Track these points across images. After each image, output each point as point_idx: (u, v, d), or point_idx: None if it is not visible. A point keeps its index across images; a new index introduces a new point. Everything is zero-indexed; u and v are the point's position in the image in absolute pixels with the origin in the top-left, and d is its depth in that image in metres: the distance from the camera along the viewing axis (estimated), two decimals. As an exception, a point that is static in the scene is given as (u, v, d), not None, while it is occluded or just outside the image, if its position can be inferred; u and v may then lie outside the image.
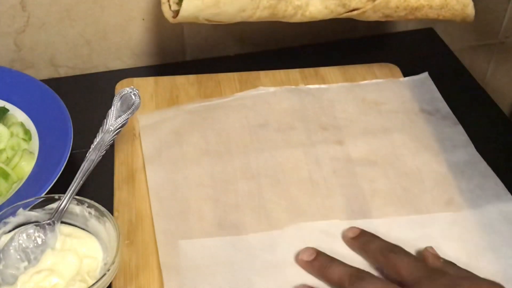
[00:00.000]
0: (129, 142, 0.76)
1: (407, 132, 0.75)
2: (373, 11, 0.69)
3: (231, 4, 0.63)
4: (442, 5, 0.67)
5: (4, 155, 0.72)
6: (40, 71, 0.91)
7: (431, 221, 0.65)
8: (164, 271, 0.61)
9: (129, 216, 0.68)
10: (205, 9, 0.62)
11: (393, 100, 0.80)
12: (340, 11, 0.68)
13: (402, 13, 0.69)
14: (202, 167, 0.72)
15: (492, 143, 0.77)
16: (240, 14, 0.64)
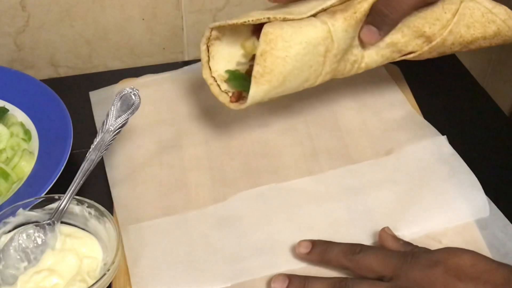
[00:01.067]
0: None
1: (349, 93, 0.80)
2: (428, 52, 0.69)
3: (295, 79, 0.62)
4: (495, 34, 0.68)
5: (4, 155, 0.72)
6: (40, 71, 0.91)
7: (370, 169, 0.70)
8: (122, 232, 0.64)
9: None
10: (271, 90, 0.62)
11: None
12: (395, 56, 0.69)
13: (456, 48, 0.70)
14: (154, 136, 0.76)
15: (492, 143, 0.77)
16: (303, 84, 0.64)
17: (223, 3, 0.91)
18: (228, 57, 0.67)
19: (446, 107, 0.82)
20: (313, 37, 0.61)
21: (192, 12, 0.90)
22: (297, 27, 0.61)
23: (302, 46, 0.60)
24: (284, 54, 0.60)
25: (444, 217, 0.65)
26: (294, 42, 0.60)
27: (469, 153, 0.72)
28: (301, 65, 0.62)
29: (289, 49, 0.60)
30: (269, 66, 0.60)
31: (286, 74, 0.61)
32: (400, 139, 0.74)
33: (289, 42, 0.60)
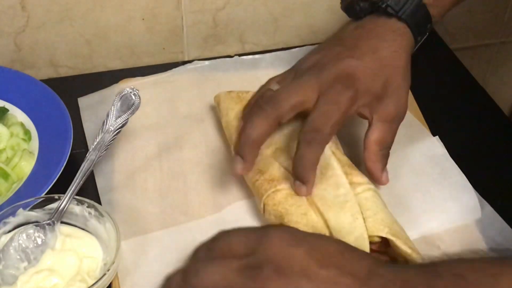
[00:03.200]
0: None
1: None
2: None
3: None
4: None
5: (4, 155, 0.72)
6: (40, 71, 0.90)
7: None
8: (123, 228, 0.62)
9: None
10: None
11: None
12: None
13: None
14: (153, 136, 0.76)
15: (492, 143, 0.77)
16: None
17: (223, 3, 0.91)
18: None
19: (446, 107, 0.82)
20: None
21: (192, 12, 0.90)
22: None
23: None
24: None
25: (436, 219, 0.65)
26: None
27: (469, 153, 0.73)
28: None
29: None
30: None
31: None
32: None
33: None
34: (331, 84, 0.61)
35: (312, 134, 0.60)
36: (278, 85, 0.65)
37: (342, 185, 0.61)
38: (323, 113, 0.60)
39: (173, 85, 0.84)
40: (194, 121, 0.78)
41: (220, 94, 0.75)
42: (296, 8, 0.94)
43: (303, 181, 0.60)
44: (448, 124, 0.77)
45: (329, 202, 0.60)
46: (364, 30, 0.67)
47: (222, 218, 0.67)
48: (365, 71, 0.63)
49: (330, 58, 0.64)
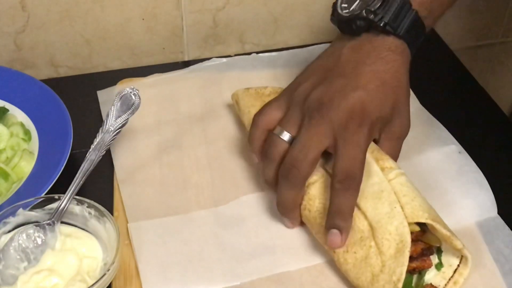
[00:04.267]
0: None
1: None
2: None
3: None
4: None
5: (4, 155, 0.72)
6: (40, 71, 0.90)
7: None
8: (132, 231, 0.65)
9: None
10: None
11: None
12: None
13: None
14: (155, 136, 0.76)
15: (492, 143, 0.77)
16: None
17: (223, 3, 0.91)
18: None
19: (446, 107, 0.82)
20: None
21: (192, 12, 0.90)
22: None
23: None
24: None
25: (452, 216, 0.65)
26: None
27: (469, 153, 0.73)
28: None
29: None
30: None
31: None
32: (408, 137, 0.71)
33: None
34: (345, 125, 0.60)
35: (347, 182, 0.59)
36: (282, 130, 0.64)
37: (375, 173, 0.61)
38: (349, 159, 0.60)
39: (175, 85, 0.84)
40: (195, 121, 0.79)
41: (237, 92, 0.76)
42: (296, 8, 0.94)
43: (341, 229, 0.59)
44: (448, 124, 0.77)
45: (365, 193, 0.60)
46: (362, 53, 0.65)
47: (220, 212, 0.67)
48: (373, 101, 0.62)
49: (335, 93, 0.62)
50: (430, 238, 0.60)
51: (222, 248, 0.64)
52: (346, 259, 0.60)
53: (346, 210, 0.59)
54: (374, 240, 0.58)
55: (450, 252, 0.60)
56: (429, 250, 0.60)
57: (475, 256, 0.61)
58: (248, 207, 0.68)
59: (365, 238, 0.59)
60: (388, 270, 0.56)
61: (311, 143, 0.61)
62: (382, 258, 0.57)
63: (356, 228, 0.60)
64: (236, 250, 0.64)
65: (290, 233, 0.66)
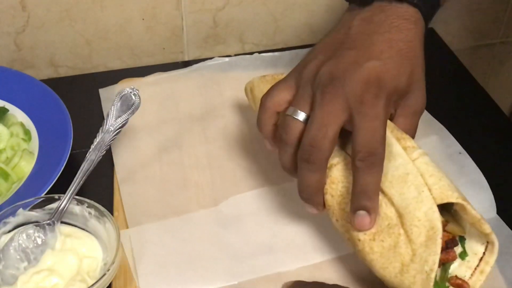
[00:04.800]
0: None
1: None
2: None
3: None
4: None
5: (4, 155, 0.72)
6: (40, 71, 0.90)
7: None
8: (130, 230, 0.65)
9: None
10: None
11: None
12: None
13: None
14: (155, 135, 0.76)
15: (492, 143, 0.77)
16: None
17: (223, 3, 0.91)
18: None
19: (446, 107, 0.82)
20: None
21: (192, 12, 0.90)
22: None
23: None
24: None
25: None
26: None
27: (469, 153, 0.73)
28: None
29: None
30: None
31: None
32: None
33: None
34: (360, 98, 0.56)
35: (369, 159, 0.55)
36: (296, 109, 0.59)
37: (398, 154, 0.57)
38: (368, 133, 0.55)
39: (175, 85, 0.84)
40: (195, 121, 0.79)
41: (253, 80, 0.73)
42: (296, 8, 0.94)
43: (369, 209, 0.56)
44: (448, 124, 0.77)
45: (389, 177, 0.56)
46: (374, 24, 0.61)
47: (219, 211, 0.68)
48: (388, 70, 0.58)
49: (347, 65, 0.58)
50: (453, 228, 0.57)
51: (221, 248, 0.64)
52: (372, 247, 0.56)
53: (371, 189, 0.55)
54: (403, 227, 0.55)
55: (474, 239, 0.57)
56: (453, 242, 0.56)
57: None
58: (248, 205, 0.68)
59: (393, 226, 0.55)
60: (420, 259, 0.53)
61: (328, 119, 0.56)
62: (412, 247, 0.54)
63: (382, 215, 0.56)
64: (235, 249, 0.64)
65: (289, 232, 0.66)
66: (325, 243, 0.65)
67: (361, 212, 0.56)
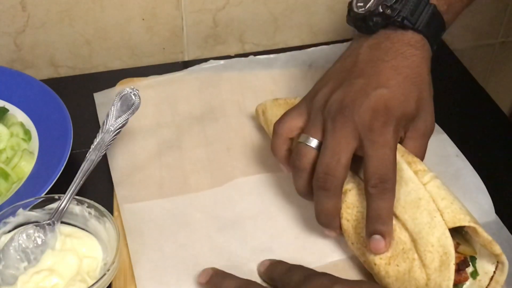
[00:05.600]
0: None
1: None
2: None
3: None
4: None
5: (4, 155, 0.72)
6: (40, 71, 0.90)
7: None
8: (127, 235, 0.64)
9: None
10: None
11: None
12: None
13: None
14: (159, 138, 0.76)
15: (492, 143, 0.77)
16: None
17: (223, 3, 0.91)
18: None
19: (446, 107, 0.82)
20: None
21: (192, 12, 0.90)
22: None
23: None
24: None
25: None
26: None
27: (469, 153, 0.73)
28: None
29: None
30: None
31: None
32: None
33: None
34: (369, 126, 0.58)
35: (381, 186, 0.57)
36: (308, 136, 0.61)
37: (410, 179, 0.59)
38: (379, 160, 0.58)
39: (175, 86, 0.84)
40: (194, 123, 0.79)
41: (265, 103, 0.74)
42: (296, 8, 0.94)
43: (383, 233, 0.57)
44: (448, 124, 0.77)
45: (402, 202, 0.58)
46: (380, 51, 0.63)
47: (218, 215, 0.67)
48: (395, 97, 0.60)
49: (356, 94, 0.60)
50: (465, 249, 0.58)
51: (218, 252, 0.64)
52: (388, 272, 0.58)
53: (385, 214, 0.57)
54: (417, 252, 0.56)
55: (484, 258, 0.58)
56: (464, 263, 0.58)
57: None
58: (246, 209, 0.68)
59: (407, 250, 0.57)
60: (434, 284, 0.55)
61: (340, 147, 0.59)
62: (426, 271, 0.55)
63: (397, 239, 0.58)
64: (232, 253, 0.63)
65: (286, 236, 0.65)
66: (323, 246, 0.65)
67: (376, 237, 0.57)
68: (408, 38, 0.64)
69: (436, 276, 0.55)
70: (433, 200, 0.57)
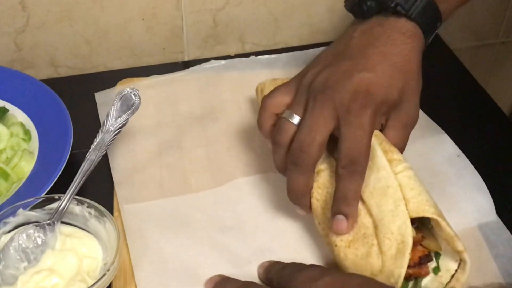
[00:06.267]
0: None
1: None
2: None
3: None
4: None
5: (4, 155, 0.72)
6: (40, 71, 0.90)
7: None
8: (128, 235, 0.64)
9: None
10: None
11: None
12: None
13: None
14: (159, 138, 0.76)
15: (492, 143, 0.77)
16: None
17: (223, 3, 0.91)
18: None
19: (446, 107, 0.82)
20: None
21: (192, 12, 0.90)
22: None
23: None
24: None
25: (451, 220, 0.65)
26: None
27: (469, 153, 0.73)
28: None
29: None
30: None
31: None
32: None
33: None
34: (347, 107, 0.59)
35: (351, 167, 0.57)
36: (292, 113, 0.62)
37: (382, 167, 0.59)
38: (352, 142, 0.58)
39: (175, 86, 0.84)
40: (194, 123, 0.79)
41: (265, 82, 0.75)
42: (296, 8, 0.94)
43: (347, 215, 0.58)
44: (448, 124, 0.77)
45: (371, 188, 0.58)
46: (372, 36, 0.64)
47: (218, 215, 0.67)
48: (379, 82, 0.60)
49: (340, 75, 0.61)
50: (429, 244, 0.58)
51: (218, 252, 0.64)
52: (347, 254, 0.58)
53: (351, 196, 0.58)
54: (377, 238, 0.57)
55: (449, 256, 0.59)
56: (427, 257, 0.58)
57: (475, 259, 0.61)
58: (247, 210, 0.68)
59: (368, 235, 0.57)
60: (387, 271, 0.55)
61: (318, 125, 0.59)
62: (383, 258, 0.56)
63: (360, 224, 0.58)
64: (232, 254, 0.63)
65: (287, 237, 0.65)
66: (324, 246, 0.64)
67: (339, 217, 0.58)
68: (400, 25, 0.64)
69: (390, 264, 0.55)
70: (401, 189, 0.58)
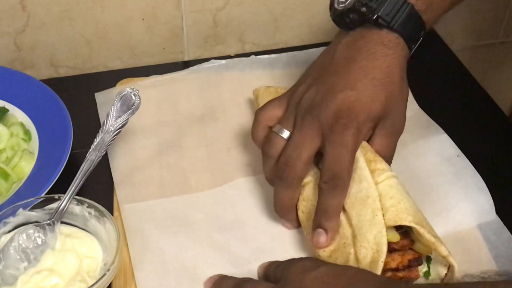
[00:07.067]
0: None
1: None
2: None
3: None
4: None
5: (4, 155, 0.72)
6: (40, 71, 0.90)
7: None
8: (128, 235, 0.64)
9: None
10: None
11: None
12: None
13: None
14: (159, 138, 0.76)
15: (492, 143, 0.77)
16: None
17: (223, 3, 0.91)
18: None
19: (446, 107, 0.82)
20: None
21: (192, 12, 0.90)
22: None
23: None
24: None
25: (451, 220, 0.65)
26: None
27: (468, 153, 0.72)
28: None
29: None
30: None
31: None
32: (406, 140, 0.71)
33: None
34: (331, 126, 0.61)
35: (332, 182, 0.60)
36: (282, 128, 0.64)
37: (364, 178, 0.61)
38: (334, 159, 0.60)
39: (175, 86, 0.84)
40: (195, 122, 0.79)
41: (259, 89, 0.77)
42: (296, 8, 0.94)
43: (327, 229, 0.60)
44: (448, 124, 0.77)
45: (353, 199, 0.60)
46: (354, 50, 0.65)
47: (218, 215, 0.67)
48: (361, 99, 0.62)
49: (324, 93, 0.63)
50: (420, 248, 0.59)
51: (218, 252, 0.64)
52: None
53: (331, 210, 0.60)
54: (354, 247, 0.58)
55: (439, 260, 0.59)
56: (416, 260, 0.58)
57: (475, 259, 0.61)
58: (247, 210, 0.68)
59: (347, 245, 0.59)
60: None
61: (304, 143, 0.62)
62: (359, 266, 0.57)
63: (341, 234, 0.60)
64: (232, 254, 0.63)
65: (287, 237, 0.66)
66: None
67: (319, 230, 0.60)
68: (382, 37, 0.65)
69: None
70: (381, 199, 0.59)
